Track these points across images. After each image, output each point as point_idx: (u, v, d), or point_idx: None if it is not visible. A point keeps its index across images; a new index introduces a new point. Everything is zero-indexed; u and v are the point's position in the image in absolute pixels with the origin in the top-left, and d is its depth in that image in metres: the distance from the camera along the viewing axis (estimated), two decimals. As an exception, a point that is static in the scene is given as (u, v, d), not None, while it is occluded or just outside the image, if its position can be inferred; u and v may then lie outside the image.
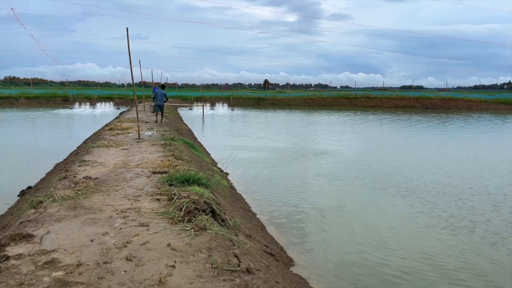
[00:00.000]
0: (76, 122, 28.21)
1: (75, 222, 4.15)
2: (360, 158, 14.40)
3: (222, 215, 4.77)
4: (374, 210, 8.30)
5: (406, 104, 50.13)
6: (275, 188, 9.80)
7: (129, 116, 20.78)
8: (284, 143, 17.81)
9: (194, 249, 3.56)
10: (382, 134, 22.98)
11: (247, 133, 22.00)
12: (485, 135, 22.82)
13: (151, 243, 3.64)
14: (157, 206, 4.78)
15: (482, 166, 12.93)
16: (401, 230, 7.15)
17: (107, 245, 3.55)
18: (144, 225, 4.10)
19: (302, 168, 12.47)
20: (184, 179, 5.84)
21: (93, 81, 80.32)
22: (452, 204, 8.55)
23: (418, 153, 15.80)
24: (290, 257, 5.64)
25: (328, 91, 64.86)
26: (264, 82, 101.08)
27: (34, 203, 4.82)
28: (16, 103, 45.46)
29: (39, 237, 3.71)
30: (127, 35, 10.76)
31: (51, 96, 48.92)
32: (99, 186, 5.66)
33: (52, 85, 76.49)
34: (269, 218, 7.50)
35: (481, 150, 17.15)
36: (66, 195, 5.03)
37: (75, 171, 6.71)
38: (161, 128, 14.18)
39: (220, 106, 45.90)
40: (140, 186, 5.75)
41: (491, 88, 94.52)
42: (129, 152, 8.84)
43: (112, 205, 4.78)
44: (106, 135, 12.00)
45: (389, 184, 10.28)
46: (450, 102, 49.88)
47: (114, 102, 46.01)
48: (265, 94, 57.93)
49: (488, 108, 47.86)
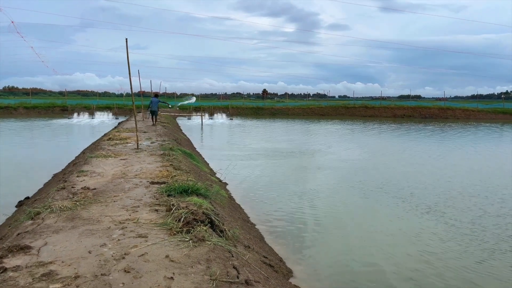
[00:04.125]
0: (75, 132, 28.20)
1: (73, 234, 4.12)
2: (360, 168, 14.40)
3: (221, 225, 4.75)
4: (374, 221, 8.25)
5: (404, 113, 50.36)
6: (274, 198, 9.78)
7: (128, 126, 20.78)
8: (283, 153, 17.82)
9: (192, 260, 3.53)
10: (382, 144, 23.01)
11: (246, 142, 22.01)
12: (490, 143, 22.90)
13: (150, 254, 3.61)
14: (155, 217, 4.76)
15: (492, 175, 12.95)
16: (403, 241, 7.10)
17: (105, 257, 3.53)
18: (143, 236, 4.08)
19: (301, 178, 12.46)
20: (183, 190, 5.82)
21: (92, 91, 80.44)
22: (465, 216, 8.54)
23: (428, 164, 15.82)
24: (289, 268, 5.60)
25: (326, 100, 65.14)
26: (263, 91, 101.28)
27: (31, 214, 4.80)
28: (15, 113, 45.49)
29: (37, 248, 3.69)
30: (126, 46, 10.83)
31: (50, 106, 49.02)
32: (98, 197, 5.64)
33: (51, 95, 76.49)
34: (268, 228, 7.47)
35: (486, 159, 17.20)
36: (64, 206, 5.01)
37: (73, 182, 6.69)
38: (160, 138, 14.19)
39: (219, 116, 46.02)
40: (138, 196, 5.73)
41: (488, 97, 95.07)
42: (127, 162, 8.83)
43: (110, 216, 4.76)
44: (104, 145, 11.98)
45: (391, 195, 10.26)
46: (448, 111, 50.12)
47: (113, 112, 46.06)
48: (264, 103, 58.12)
49: (486, 118, 48.04)
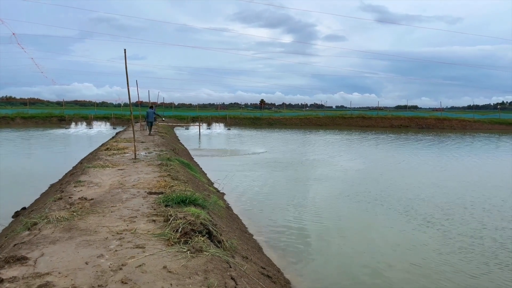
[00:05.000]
0: (72, 142, 28.14)
1: (70, 244, 4.10)
2: (358, 178, 14.41)
3: (219, 236, 4.73)
4: (372, 232, 8.22)
5: (401, 124, 50.60)
6: (272, 209, 9.76)
7: (126, 136, 20.77)
8: (281, 163, 17.82)
9: (190, 271, 3.52)
10: (381, 154, 23.06)
11: (243, 153, 22.01)
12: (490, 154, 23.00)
13: (147, 265, 3.60)
14: (153, 227, 4.74)
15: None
16: (402, 252, 7.07)
17: (102, 268, 3.51)
18: (140, 247, 4.06)
19: (299, 189, 12.45)
20: (181, 200, 5.81)
21: (90, 101, 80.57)
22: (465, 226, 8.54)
23: (427, 174, 15.85)
24: (287, 279, 5.57)
25: (323, 110, 65.49)
26: (260, 102, 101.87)
27: (28, 225, 4.77)
28: (12, 123, 45.44)
29: (33, 259, 3.66)
30: (125, 56, 10.89)
31: (48, 116, 49.03)
32: (95, 207, 5.62)
33: (49, 105, 76.59)
34: (265, 239, 7.44)
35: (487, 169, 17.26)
36: (61, 217, 4.98)
37: (71, 192, 6.67)
38: (157, 148, 14.18)
39: (217, 126, 46.08)
40: (136, 207, 5.71)
41: (484, 108, 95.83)
42: (125, 172, 8.81)
43: (107, 226, 4.74)
44: (102, 155, 11.96)
45: (389, 204, 10.26)
46: (445, 122, 50.39)
47: (111, 122, 46.10)
48: (261, 114, 58.34)
49: (482, 128, 48.26)
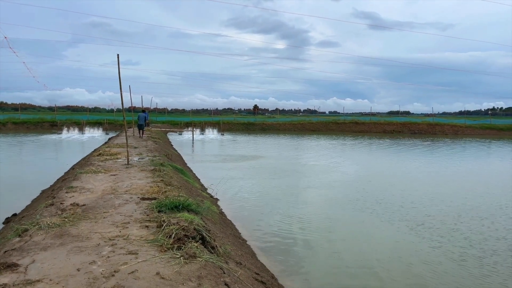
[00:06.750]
0: (64, 148, 27.90)
1: (61, 251, 4.05)
2: (353, 185, 14.45)
3: (212, 242, 4.71)
4: (367, 238, 8.23)
5: (393, 129, 50.97)
6: (265, 214, 9.74)
7: (118, 141, 20.65)
8: (274, 168, 17.82)
9: (183, 277, 3.49)
10: (374, 160, 23.18)
11: (237, 158, 21.99)
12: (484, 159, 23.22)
13: (140, 271, 3.56)
14: (146, 233, 4.70)
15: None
16: (396, 258, 7.08)
17: (94, 274, 3.47)
18: (133, 253, 4.03)
19: (293, 194, 12.45)
20: (174, 206, 5.78)
21: (82, 106, 79.91)
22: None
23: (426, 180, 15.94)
24: (281, 285, 5.55)
25: (317, 116, 65.66)
26: (254, 107, 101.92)
27: (19, 231, 4.71)
28: (3, 128, 44.96)
29: (24, 266, 3.61)
30: (118, 62, 10.86)
31: (39, 121, 48.59)
32: (87, 213, 5.57)
33: (40, 110, 75.91)
34: (259, 244, 7.41)
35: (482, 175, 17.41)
36: (52, 223, 4.93)
37: (62, 198, 6.60)
38: (151, 153, 14.11)
39: (210, 131, 46.03)
40: (128, 212, 5.67)
41: (475, 113, 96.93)
42: (117, 178, 8.75)
43: (100, 232, 4.69)
44: (94, 160, 11.88)
45: (383, 210, 10.29)
46: (437, 127, 50.87)
47: (103, 127, 45.80)
48: (255, 119, 58.41)
49: (474, 133, 48.79)
